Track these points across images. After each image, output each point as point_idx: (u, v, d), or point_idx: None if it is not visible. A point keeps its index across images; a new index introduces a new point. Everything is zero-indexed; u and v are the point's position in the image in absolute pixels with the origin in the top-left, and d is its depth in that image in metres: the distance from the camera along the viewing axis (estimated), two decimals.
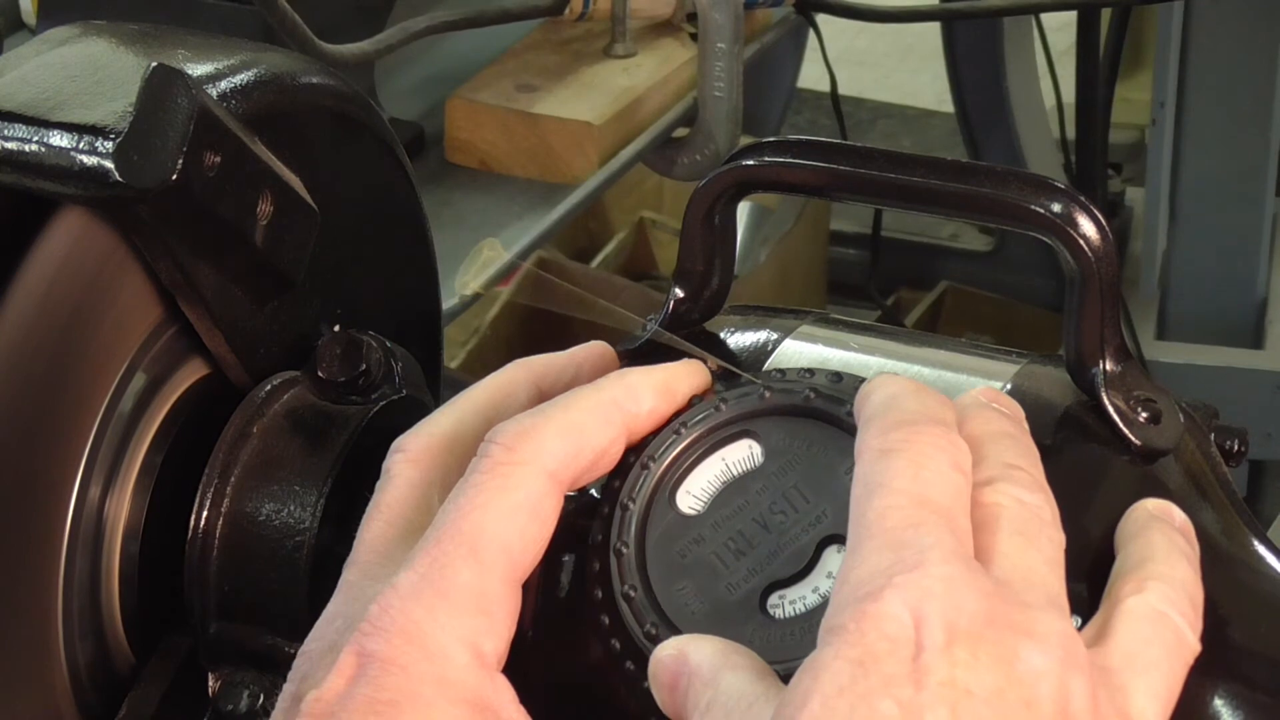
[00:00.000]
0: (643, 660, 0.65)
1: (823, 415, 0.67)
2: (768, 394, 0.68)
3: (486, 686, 0.63)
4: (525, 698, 0.64)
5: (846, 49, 3.70)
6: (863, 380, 0.68)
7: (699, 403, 0.69)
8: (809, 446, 0.67)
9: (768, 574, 0.65)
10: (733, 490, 0.67)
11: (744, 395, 0.68)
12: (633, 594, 0.65)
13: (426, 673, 0.62)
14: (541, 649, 0.69)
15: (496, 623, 0.63)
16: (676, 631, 0.64)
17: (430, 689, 0.62)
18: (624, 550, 0.66)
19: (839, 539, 0.65)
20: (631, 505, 0.66)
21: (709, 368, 0.71)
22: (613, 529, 0.66)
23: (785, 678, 0.63)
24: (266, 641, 0.78)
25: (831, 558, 0.65)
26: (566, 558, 0.69)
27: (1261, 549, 0.73)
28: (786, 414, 0.67)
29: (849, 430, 0.66)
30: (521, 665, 0.67)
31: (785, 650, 0.64)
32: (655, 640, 0.64)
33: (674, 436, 0.68)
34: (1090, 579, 0.67)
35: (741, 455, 0.67)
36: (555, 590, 0.69)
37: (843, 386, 0.68)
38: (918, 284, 2.87)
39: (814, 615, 0.64)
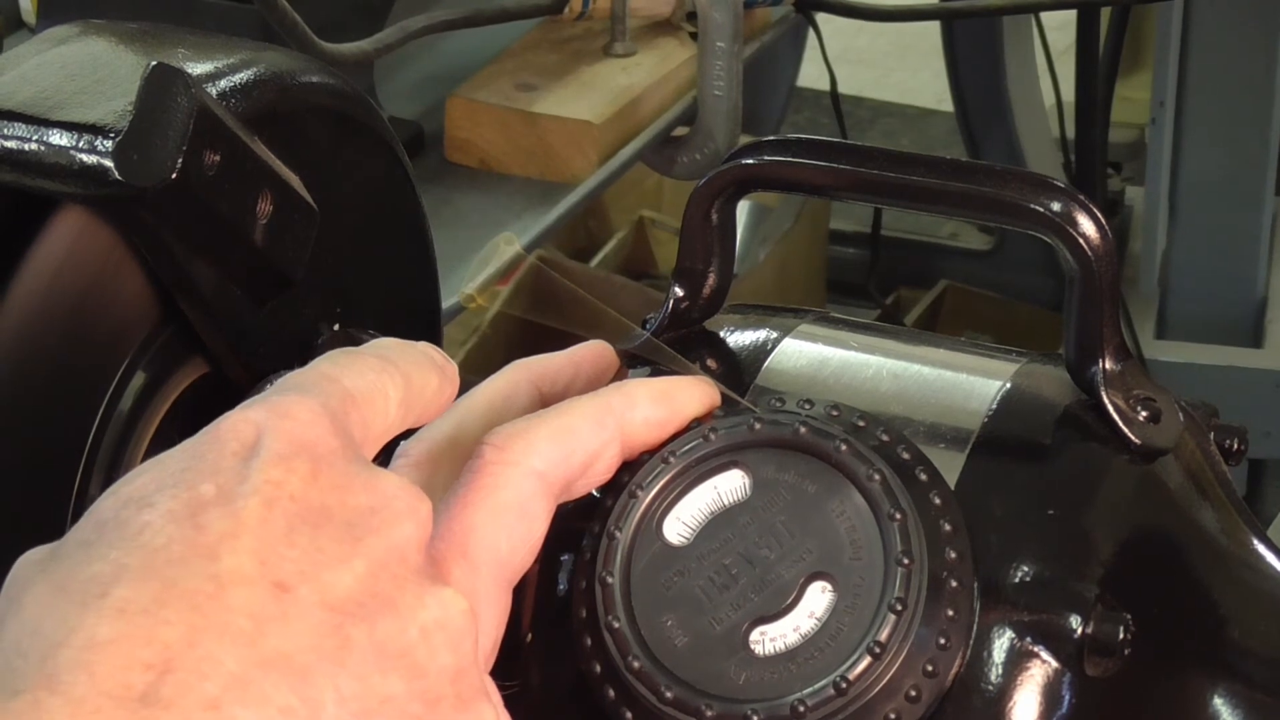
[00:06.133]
0: (624, 689, 0.65)
1: (812, 449, 0.67)
2: (758, 425, 0.68)
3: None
4: (524, 701, 0.64)
5: (846, 48, 3.70)
6: (861, 413, 0.68)
7: (690, 430, 0.69)
8: (797, 480, 0.67)
9: (751, 609, 0.65)
10: (719, 522, 0.67)
11: (734, 426, 0.68)
12: (616, 625, 0.65)
13: None
14: (536, 653, 0.69)
15: (483, 623, 0.63)
16: (659, 665, 0.64)
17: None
18: (609, 580, 0.66)
19: (824, 576, 0.65)
20: (618, 534, 0.66)
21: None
22: (599, 556, 0.66)
23: (768, 718, 0.63)
24: None
25: (815, 595, 0.65)
26: (564, 563, 0.69)
27: (1261, 548, 0.73)
28: (776, 446, 0.67)
29: (838, 465, 0.66)
30: (520, 667, 0.67)
31: (766, 688, 0.64)
32: (637, 674, 0.64)
33: (662, 465, 0.67)
34: (1092, 579, 0.67)
35: (729, 487, 0.67)
36: (552, 595, 0.69)
37: (838, 419, 0.68)
38: (917, 283, 2.87)
39: (795, 653, 0.64)
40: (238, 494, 0.56)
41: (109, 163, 0.72)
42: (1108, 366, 0.71)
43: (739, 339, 0.76)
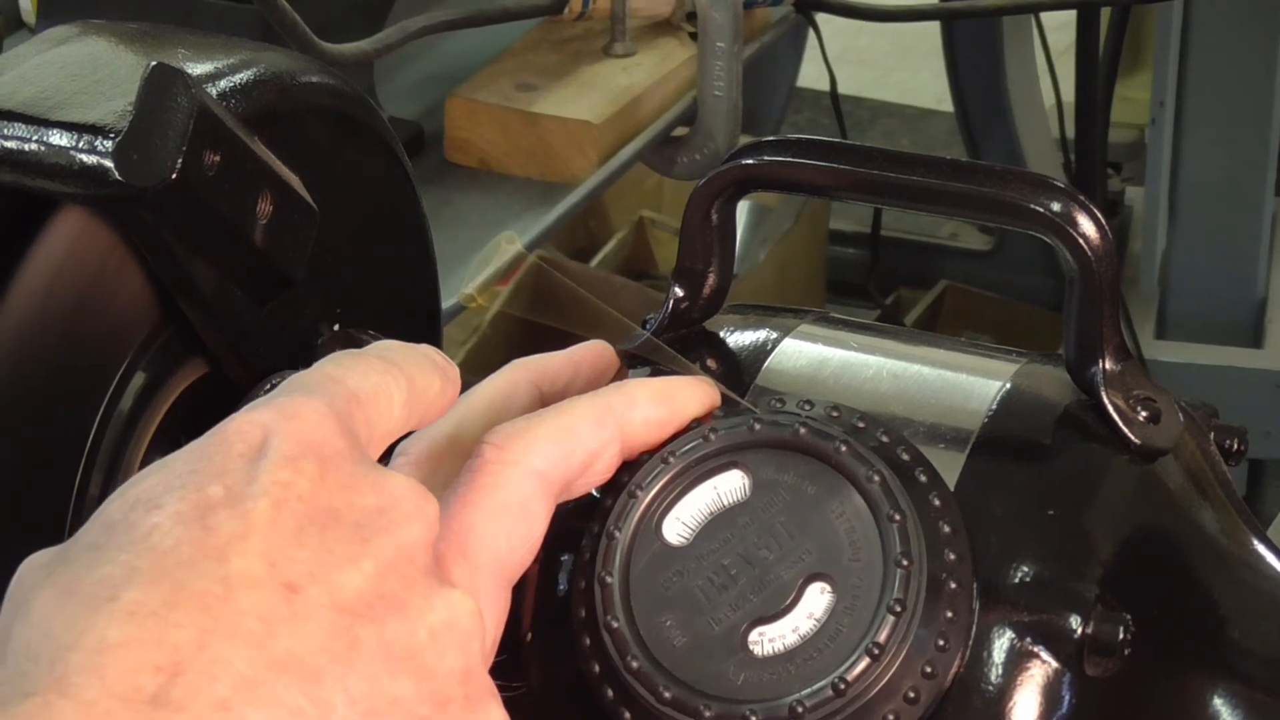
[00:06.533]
0: (623, 689, 0.65)
1: (812, 450, 0.67)
2: (757, 426, 0.68)
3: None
4: (523, 700, 0.64)
5: (846, 48, 3.70)
6: (861, 414, 0.68)
7: (690, 431, 0.69)
8: (797, 481, 0.67)
9: (750, 610, 0.65)
10: (719, 523, 0.67)
11: (734, 426, 0.68)
12: (615, 625, 0.65)
13: None
14: (536, 653, 0.69)
15: (483, 622, 0.63)
16: (657, 665, 0.64)
17: None
18: (608, 580, 0.66)
19: (822, 577, 0.65)
20: (618, 534, 0.66)
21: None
22: (598, 556, 0.66)
23: (766, 718, 0.63)
24: None
25: (814, 596, 0.65)
26: (563, 562, 0.69)
27: (1261, 548, 0.73)
28: (776, 447, 0.67)
29: (838, 466, 0.66)
30: (520, 667, 0.67)
31: (765, 689, 0.64)
32: (635, 674, 0.64)
33: (662, 465, 0.67)
34: (1092, 579, 0.67)
35: (729, 487, 0.67)
36: (552, 595, 0.69)
37: (838, 420, 0.68)
38: (917, 283, 2.87)
39: (794, 654, 0.64)
40: (246, 495, 0.56)
41: (109, 163, 0.72)
42: (1107, 367, 0.71)
43: (739, 339, 0.75)
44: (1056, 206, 0.70)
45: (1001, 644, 0.65)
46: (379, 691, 0.55)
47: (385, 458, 0.67)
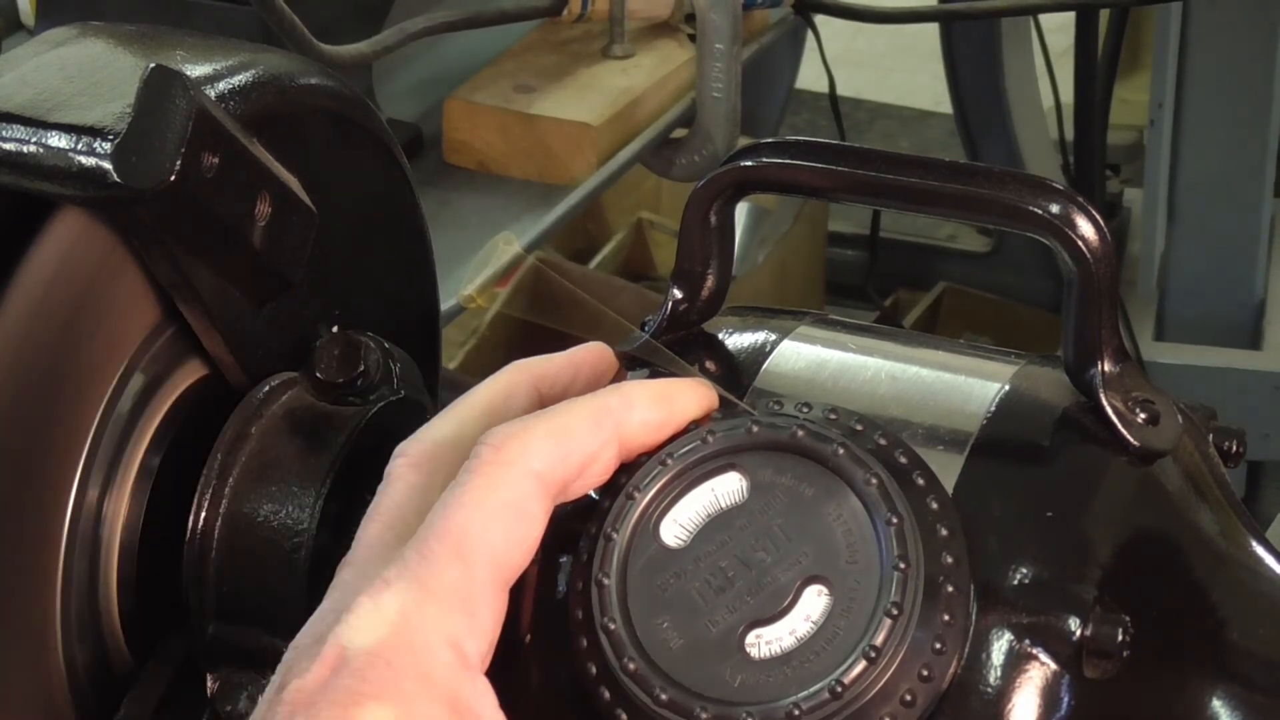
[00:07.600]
0: (618, 690, 0.65)
1: (809, 452, 0.67)
2: (755, 428, 0.68)
3: (466, 687, 0.63)
4: (521, 701, 0.64)
5: (845, 50, 3.69)
6: (860, 417, 0.68)
7: (688, 433, 0.69)
8: (795, 484, 0.67)
9: (747, 612, 0.65)
10: (716, 525, 0.67)
11: (732, 429, 0.68)
12: (612, 626, 0.65)
13: (409, 668, 0.62)
14: (534, 654, 0.69)
15: (480, 623, 0.63)
16: (654, 666, 0.65)
17: (412, 684, 0.62)
18: (605, 581, 0.66)
19: (819, 580, 0.65)
20: (615, 536, 0.66)
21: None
22: (596, 558, 0.66)
23: (762, 719, 0.63)
24: (265, 642, 0.78)
25: (811, 599, 0.65)
26: (561, 564, 0.69)
27: (1259, 550, 0.73)
28: (773, 449, 0.67)
29: (835, 469, 0.66)
30: (518, 668, 0.67)
31: (761, 691, 0.64)
32: (632, 675, 0.64)
33: (660, 467, 0.67)
34: (1090, 581, 0.67)
35: (726, 490, 0.67)
36: (550, 596, 0.69)
37: (836, 423, 0.68)
38: (916, 285, 2.87)
39: (791, 657, 0.64)
40: None
41: (107, 165, 0.72)
42: (1106, 368, 0.71)
43: (737, 341, 0.76)
44: (1055, 208, 0.70)
45: (999, 647, 0.65)
46: None
47: (384, 459, 0.67)
